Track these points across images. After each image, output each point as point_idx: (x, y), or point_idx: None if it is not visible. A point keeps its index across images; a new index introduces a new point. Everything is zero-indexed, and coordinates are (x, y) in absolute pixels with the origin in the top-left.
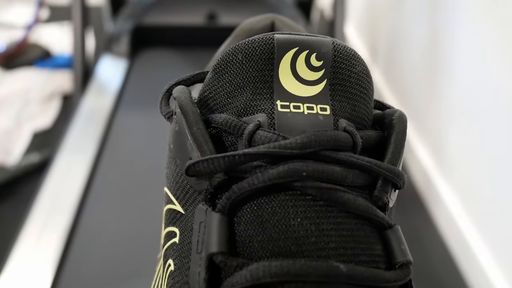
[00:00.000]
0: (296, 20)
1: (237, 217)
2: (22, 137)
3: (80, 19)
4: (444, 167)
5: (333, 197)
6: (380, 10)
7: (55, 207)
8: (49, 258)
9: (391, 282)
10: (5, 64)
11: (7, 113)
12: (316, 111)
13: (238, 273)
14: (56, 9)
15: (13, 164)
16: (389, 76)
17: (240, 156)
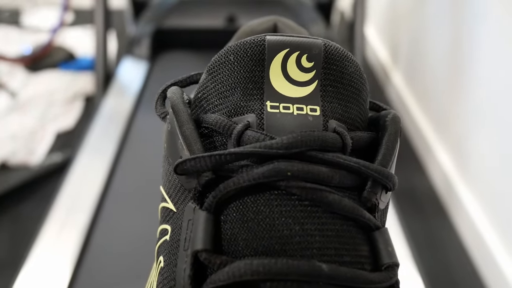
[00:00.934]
0: (316, 23)
1: (223, 215)
2: (46, 137)
3: (102, 22)
4: (467, 173)
5: (317, 197)
6: (401, 11)
7: (75, 206)
8: (68, 254)
9: (375, 283)
10: (31, 67)
11: (32, 114)
12: (306, 112)
13: (221, 270)
14: (80, 12)
15: (36, 163)
16: (410, 78)
17: (226, 155)
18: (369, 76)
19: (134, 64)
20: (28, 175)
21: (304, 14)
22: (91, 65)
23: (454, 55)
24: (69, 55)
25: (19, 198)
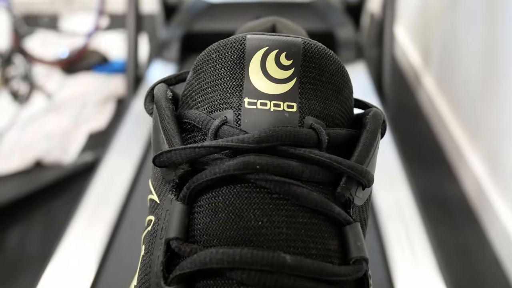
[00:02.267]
0: (344, 26)
1: (197, 206)
2: (79, 137)
3: (134, 26)
4: (500, 181)
5: (285, 190)
6: (433, 12)
7: (103, 202)
8: (95, 248)
9: (340, 276)
10: (67, 69)
11: (66, 115)
12: (283, 108)
13: (189, 258)
14: (115, 17)
15: (69, 162)
16: (442, 82)
17: (200, 148)
18: (399, 79)
19: (163, 67)
20: (61, 173)
21: (332, 17)
22: (123, 67)
23: (488, 58)
24: (103, 58)
25: (52, 195)
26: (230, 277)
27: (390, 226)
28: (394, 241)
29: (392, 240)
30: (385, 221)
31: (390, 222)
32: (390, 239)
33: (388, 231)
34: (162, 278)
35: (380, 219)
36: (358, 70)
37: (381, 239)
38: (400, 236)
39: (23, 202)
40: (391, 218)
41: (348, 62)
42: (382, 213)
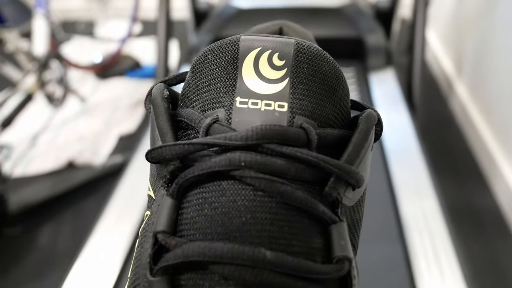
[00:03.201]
0: (374, 32)
1: (186, 201)
2: (109, 140)
3: (164, 32)
4: None
5: (269, 188)
6: (467, 18)
7: (129, 203)
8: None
9: (321, 274)
10: (100, 74)
11: (98, 118)
12: (274, 108)
13: (174, 251)
14: (148, 24)
15: (99, 164)
16: (475, 90)
17: (189, 145)
18: (431, 86)
19: None
20: (91, 174)
21: (362, 23)
22: (154, 73)
23: None
24: (135, 64)
25: (82, 194)
26: (212, 270)
27: (415, 238)
28: (420, 254)
29: (418, 252)
30: (411, 233)
31: (415, 234)
32: (415, 251)
33: (413, 244)
34: (148, 270)
35: (405, 230)
36: (387, 77)
37: (406, 252)
38: (426, 249)
39: (55, 200)
40: (417, 230)
41: (377, 69)
42: (407, 225)
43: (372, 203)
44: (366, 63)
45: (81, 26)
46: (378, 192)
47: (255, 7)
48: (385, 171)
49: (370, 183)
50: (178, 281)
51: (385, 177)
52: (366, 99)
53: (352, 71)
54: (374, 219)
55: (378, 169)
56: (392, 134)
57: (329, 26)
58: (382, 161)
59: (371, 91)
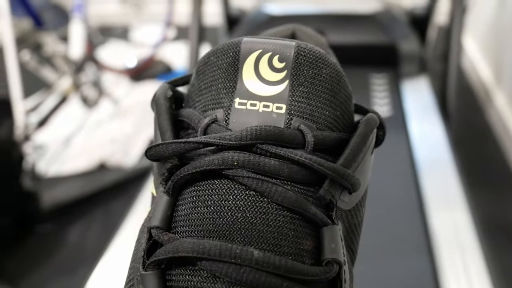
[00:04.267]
0: (408, 38)
1: (181, 198)
2: (140, 142)
3: (196, 37)
4: None
5: (260, 188)
6: (507, 24)
7: None
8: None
9: (309, 276)
10: (133, 78)
11: (130, 120)
12: (272, 110)
13: (165, 246)
14: (182, 29)
15: (130, 165)
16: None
17: (185, 143)
18: (467, 95)
19: None
20: (121, 176)
21: (395, 29)
22: None
23: None
24: (168, 68)
25: (112, 195)
26: (201, 267)
27: (445, 251)
28: (449, 268)
29: (447, 267)
30: (440, 246)
31: (445, 247)
32: (444, 266)
33: (442, 257)
34: (141, 264)
35: (434, 243)
36: (420, 85)
37: (434, 266)
38: (456, 263)
39: (86, 200)
40: (447, 243)
41: (410, 76)
42: (437, 237)
43: (400, 214)
44: (399, 70)
45: (118, 31)
46: (407, 203)
47: (286, 14)
48: (415, 181)
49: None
50: (169, 276)
51: (414, 188)
52: (398, 107)
53: (383, 78)
54: (402, 230)
55: (407, 179)
56: (424, 144)
57: (362, 33)
58: (412, 171)
59: (403, 99)
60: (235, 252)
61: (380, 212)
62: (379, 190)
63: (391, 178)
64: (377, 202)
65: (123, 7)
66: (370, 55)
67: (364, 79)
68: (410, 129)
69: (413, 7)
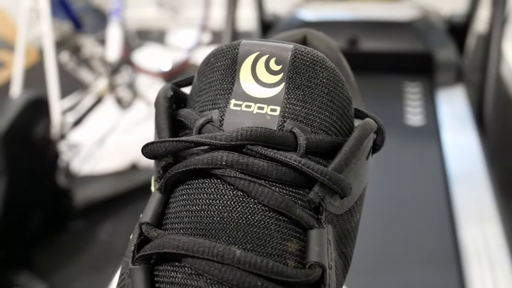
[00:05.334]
0: (446, 47)
1: (173, 196)
2: None
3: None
4: None
5: (247, 188)
6: None
7: None
8: None
9: (289, 277)
10: (168, 81)
11: None
12: (266, 111)
13: (153, 242)
14: (217, 33)
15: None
16: None
17: (177, 142)
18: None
19: None
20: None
21: (433, 37)
22: None
23: None
24: None
25: (143, 195)
26: (185, 263)
27: (474, 266)
28: (477, 283)
29: (475, 282)
30: (469, 259)
31: (475, 261)
32: (473, 280)
33: (471, 271)
34: (131, 258)
35: (464, 256)
36: (456, 94)
37: (462, 279)
38: (485, 279)
39: (117, 199)
40: (477, 257)
41: (445, 85)
42: (467, 251)
43: (429, 225)
44: (434, 79)
45: (155, 35)
46: (437, 214)
47: (320, 20)
48: (446, 192)
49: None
50: (157, 272)
51: (445, 199)
52: (431, 116)
53: (418, 86)
54: (430, 241)
55: (438, 189)
56: (457, 155)
57: (397, 40)
58: (444, 182)
59: (437, 108)
60: (217, 251)
61: (409, 222)
62: (409, 200)
63: (422, 188)
64: (407, 212)
65: (160, 11)
66: (405, 63)
67: (397, 87)
68: (443, 139)
69: (452, 14)
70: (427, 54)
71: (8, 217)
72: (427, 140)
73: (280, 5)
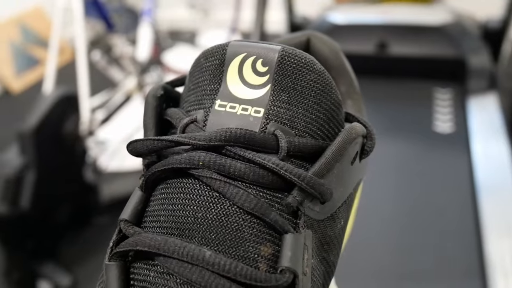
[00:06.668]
0: (478, 53)
1: (153, 194)
2: None
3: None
4: None
5: (223, 189)
6: None
7: None
8: None
9: (258, 281)
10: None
11: None
12: (249, 113)
13: (128, 239)
14: (247, 35)
15: None
16: None
17: (158, 141)
18: None
19: None
20: None
21: (465, 42)
22: None
23: None
24: None
25: None
26: (158, 262)
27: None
28: None
29: None
30: (495, 274)
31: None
32: None
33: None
34: (107, 254)
35: (489, 271)
36: (488, 102)
37: None
38: None
39: None
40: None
41: (478, 93)
42: (492, 265)
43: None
44: (466, 85)
45: (186, 35)
46: (463, 226)
47: (350, 23)
48: (473, 204)
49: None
50: (132, 269)
51: (472, 210)
52: (461, 124)
53: (448, 93)
54: (455, 253)
55: (465, 200)
56: (487, 165)
57: (429, 45)
58: (471, 192)
59: (467, 115)
60: (188, 251)
61: (434, 232)
62: (434, 210)
63: (448, 197)
64: (432, 222)
65: (192, 12)
66: (436, 69)
67: (427, 93)
68: (473, 148)
69: (487, 19)
70: (460, 60)
71: (37, 209)
72: (456, 148)
73: (310, 7)
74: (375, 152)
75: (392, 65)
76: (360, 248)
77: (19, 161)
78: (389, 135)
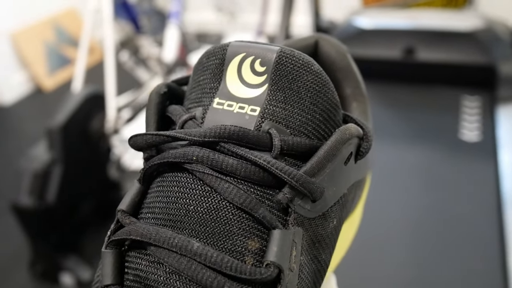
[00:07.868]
0: (509, 60)
1: (151, 187)
2: None
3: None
4: None
5: (214, 184)
6: None
7: None
8: None
9: (242, 274)
10: None
11: None
12: (246, 111)
13: (123, 228)
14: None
15: None
16: None
17: (156, 136)
18: None
19: None
20: None
21: (496, 49)
22: None
23: None
24: None
25: None
26: (150, 251)
27: None
28: None
29: None
30: None
31: None
32: None
33: None
34: (105, 242)
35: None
36: None
37: None
38: None
39: None
40: None
41: (508, 101)
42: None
43: (477, 249)
44: (496, 94)
45: (213, 38)
46: (486, 238)
47: (377, 28)
48: (498, 217)
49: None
50: (127, 257)
51: (497, 224)
52: (489, 133)
53: (477, 101)
54: (477, 266)
55: (490, 213)
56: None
57: (458, 51)
58: (497, 204)
59: (496, 124)
60: (177, 242)
61: (456, 244)
62: (457, 220)
63: (472, 208)
64: (454, 233)
65: (219, 15)
66: (465, 76)
67: (455, 101)
68: (500, 158)
69: None
70: (490, 67)
71: (62, 203)
72: (482, 157)
73: (337, 11)
74: (400, 158)
75: (419, 71)
76: (381, 256)
77: (47, 157)
78: (414, 142)
